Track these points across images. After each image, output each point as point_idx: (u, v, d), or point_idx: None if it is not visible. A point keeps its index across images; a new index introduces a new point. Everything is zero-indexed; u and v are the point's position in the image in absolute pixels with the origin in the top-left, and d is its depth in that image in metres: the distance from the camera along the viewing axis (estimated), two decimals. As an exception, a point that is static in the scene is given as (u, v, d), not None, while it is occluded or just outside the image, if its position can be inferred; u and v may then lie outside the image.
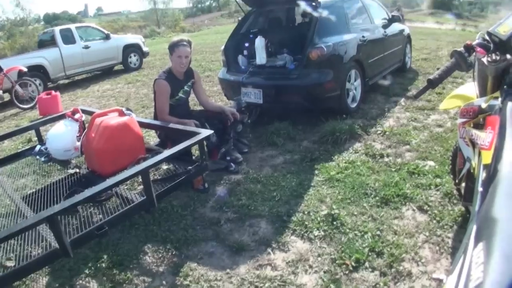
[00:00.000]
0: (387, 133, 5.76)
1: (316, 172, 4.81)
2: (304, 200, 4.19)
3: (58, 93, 9.66)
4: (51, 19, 67.58)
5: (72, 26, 14.56)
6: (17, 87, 10.93)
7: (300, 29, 7.61)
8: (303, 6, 6.56)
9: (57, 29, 14.09)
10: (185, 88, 5.08)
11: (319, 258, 3.33)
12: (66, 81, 15.00)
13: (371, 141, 5.57)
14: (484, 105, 2.45)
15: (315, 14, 6.37)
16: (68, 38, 13.84)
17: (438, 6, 44.36)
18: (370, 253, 3.30)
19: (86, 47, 14.11)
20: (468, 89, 3.14)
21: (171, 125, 4.27)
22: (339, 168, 4.81)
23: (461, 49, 2.50)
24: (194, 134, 3.84)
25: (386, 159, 4.98)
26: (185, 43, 4.91)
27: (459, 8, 45.84)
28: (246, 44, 7.18)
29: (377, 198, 4.08)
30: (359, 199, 4.11)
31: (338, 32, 6.59)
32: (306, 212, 3.96)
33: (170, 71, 5.00)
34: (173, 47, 4.88)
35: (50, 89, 10.68)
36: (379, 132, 5.86)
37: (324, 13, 6.42)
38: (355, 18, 7.37)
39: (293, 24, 8.21)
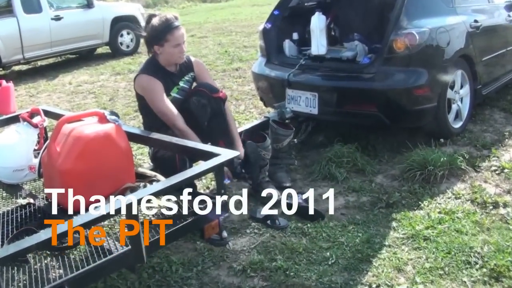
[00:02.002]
0: (506, 170, 5.70)
1: (394, 224, 4.79)
2: (372, 266, 4.17)
3: (11, 84, 9.84)
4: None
5: (39, -13, 14.82)
6: None
7: (380, 5, 7.60)
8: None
9: (15, -11, 14.34)
10: (181, 84, 5.14)
11: None
12: (25, 67, 15.30)
13: (481, 182, 5.52)
14: None
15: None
16: (31, 4, 14.01)
17: None
18: None
19: (57, 18, 14.33)
20: None
21: (175, 141, 4.30)
22: (429, 221, 4.77)
23: None
24: (210, 155, 3.86)
25: (502, 211, 4.91)
26: (177, 23, 4.94)
27: None
28: (298, 24, 7.21)
29: (484, 269, 4.01)
30: (457, 269, 4.05)
31: (437, 12, 6.59)
32: (374, 285, 3.93)
33: (156, 62, 5.07)
34: (163, 34, 4.89)
35: (0, 78, 10.87)
36: (494, 168, 5.81)
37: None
38: (465, -7, 7.36)
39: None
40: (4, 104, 9.38)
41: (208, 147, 4.06)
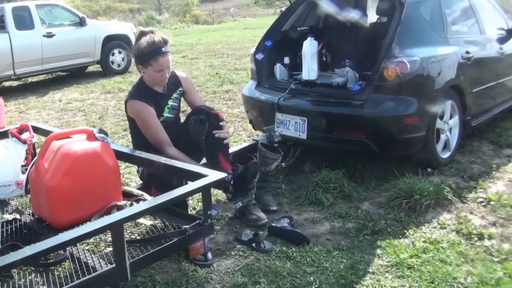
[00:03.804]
0: (492, 202, 5.73)
1: (379, 251, 4.81)
2: (355, 292, 4.19)
3: (0, 99, 9.79)
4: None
5: (31, 4, 14.73)
6: None
7: (372, 32, 7.65)
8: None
9: (8, 6, 14.27)
10: (170, 102, 5.20)
11: None
12: (15, 83, 15.30)
13: (467, 213, 5.55)
14: None
15: (398, 11, 6.41)
16: (24, 20, 14.08)
17: None
18: None
19: (49, 35, 14.39)
20: None
21: (163, 160, 4.32)
22: (414, 249, 4.79)
23: None
24: (198, 175, 3.89)
25: (487, 243, 4.94)
26: (163, 48, 4.97)
27: None
28: (289, 49, 7.25)
29: (467, 300, 4.04)
30: (440, 299, 4.08)
31: (429, 41, 6.66)
32: (356, 312, 3.95)
33: (144, 85, 5.14)
34: (147, 58, 4.95)
35: (-10, 93, 10.88)
36: (480, 200, 5.83)
37: (411, 12, 6.48)
38: (458, 24, 7.43)
39: (362, 23, 8.27)
40: (-8, 119, 9.35)
41: (196, 168, 4.09)
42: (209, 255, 4.67)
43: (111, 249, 3.51)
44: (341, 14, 7.72)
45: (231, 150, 5.61)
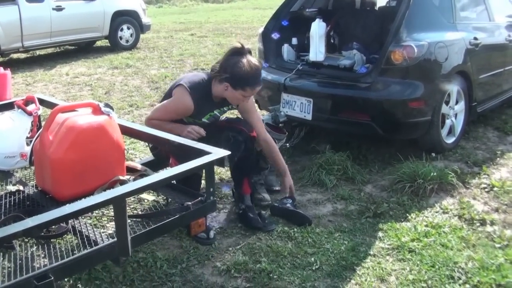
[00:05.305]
0: (495, 188, 5.73)
1: (380, 234, 4.81)
2: (356, 274, 4.18)
3: (8, 71, 9.81)
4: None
5: (41, -23, 14.74)
6: None
7: (381, 15, 7.63)
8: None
9: (18, -21, 14.27)
10: (215, 112, 5.03)
11: None
12: (23, 55, 15.27)
13: (469, 198, 5.55)
14: None
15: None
16: (34, -8, 14.02)
17: None
18: None
19: (59, 9, 14.29)
20: None
21: (167, 137, 4.29)
22: (415, 233, 4.79)
23: None
24: (201, 153, 3.87)
25: (489, 229, 4.94)
26: (261, 76, 4.79)
27: None
28: (297, 30, 7.22)
29: (467, 285, 4.03)
30: (440, 283, 4.07)
31: (437, 26, 6.63)
32: (356, 293, 3.94)
33: (209, 88, 4.88)
34: (245, 84, 4.68)
35: (-2, 65, 10.86)
36: (483, 186, 5.84)
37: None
38: (466, 10, 7.38)
39: (371, 7, 8.24)
40: (0, 91, 9.35)
41: (199, 145, 4.06)
42: (211, 233, 4.68)
43: (113, 223, 3.50)
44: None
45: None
